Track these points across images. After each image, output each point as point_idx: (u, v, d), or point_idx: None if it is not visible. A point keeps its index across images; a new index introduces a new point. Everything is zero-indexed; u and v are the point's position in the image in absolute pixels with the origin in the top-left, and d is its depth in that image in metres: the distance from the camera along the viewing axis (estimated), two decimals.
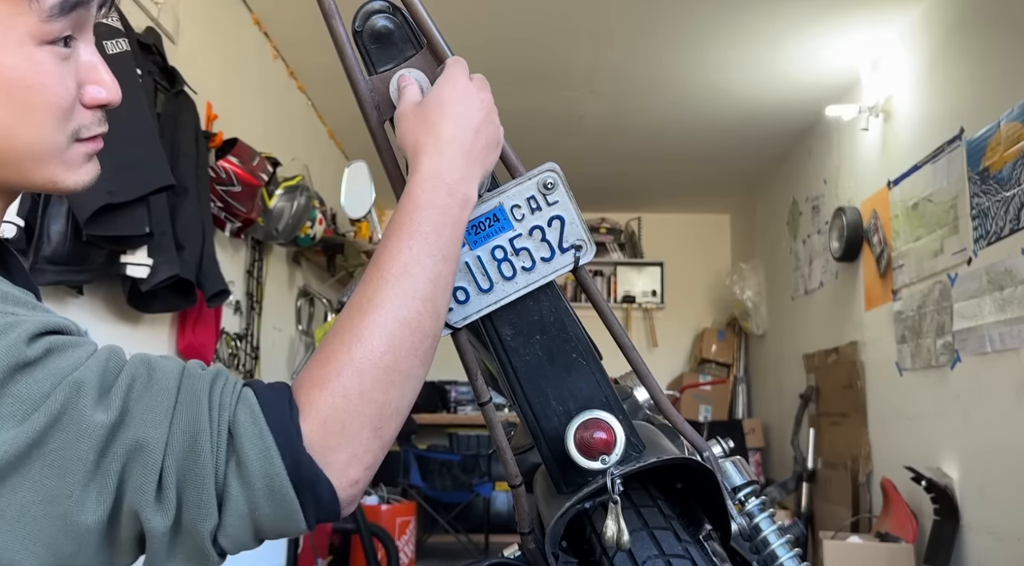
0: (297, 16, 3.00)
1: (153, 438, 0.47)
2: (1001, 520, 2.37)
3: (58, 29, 0.53)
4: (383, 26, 0.66)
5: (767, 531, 0.91)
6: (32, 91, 0.53)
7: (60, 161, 0.57)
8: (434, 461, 4.18)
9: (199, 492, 0.47)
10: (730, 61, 3.28)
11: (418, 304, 0.55)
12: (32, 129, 0.54)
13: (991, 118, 2.39)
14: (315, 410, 0.50)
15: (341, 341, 0.53)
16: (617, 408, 0.73)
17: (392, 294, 0.55)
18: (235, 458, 0.48)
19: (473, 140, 0.61)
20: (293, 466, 0.48)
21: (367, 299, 0.55)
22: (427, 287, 0.56)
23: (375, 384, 0.52)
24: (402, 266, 0.56)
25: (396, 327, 0.54)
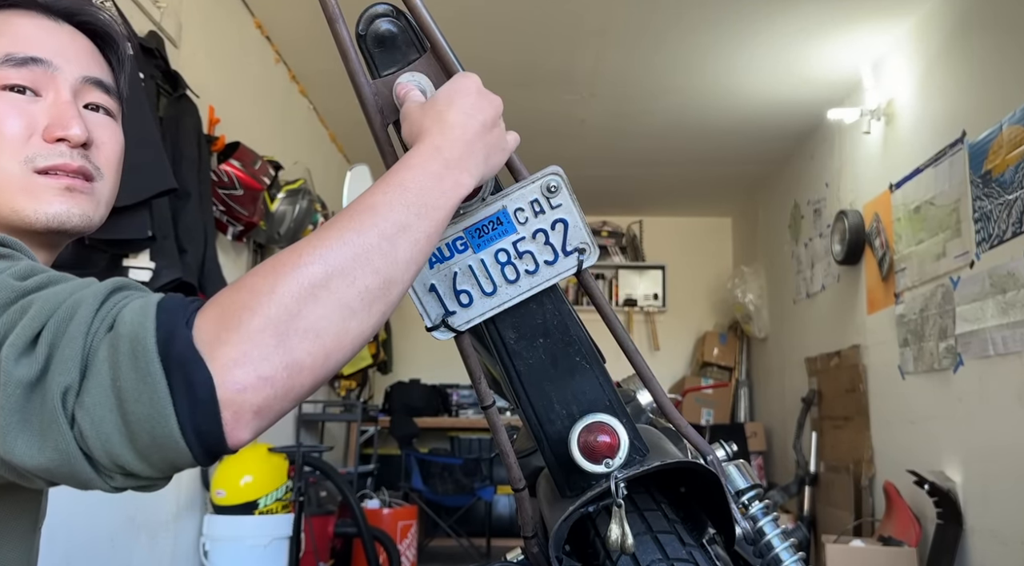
0: (299, 20, 3.00)
1: (49, 301, 0.47)
2: (1004, 524, 2.36)
3: (7, 77, 0.63)
4: (387, 30, 0.66)
5: (771, 535, 0.91)
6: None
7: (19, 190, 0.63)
8: (436, 465, 4.17)
9: (67, 348, 0.44)
10: (732, 64, 3.28)
11: (372, 238, 0.50)
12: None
13: (993, 121, 2.39)
14: (215, 303, 0.46)
15: (276, 256, 0.49)
16: (621, 412, 0.73)
17: (347, 222, 0.50)
18: (112, 328, 0.45)
19: (477, 131, 0.58)
20: (166, 337, 0.43)
21: (328, 226, 0.51)
22: (389, 228, 0.51)
23: (289, 288, 0.46)
24: (369, 204, 0.52)
25: (338, 247, 0.49)
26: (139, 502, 2.26)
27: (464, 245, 0.70)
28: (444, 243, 0.70)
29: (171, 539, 2.41)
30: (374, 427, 4.31)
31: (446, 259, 0.70)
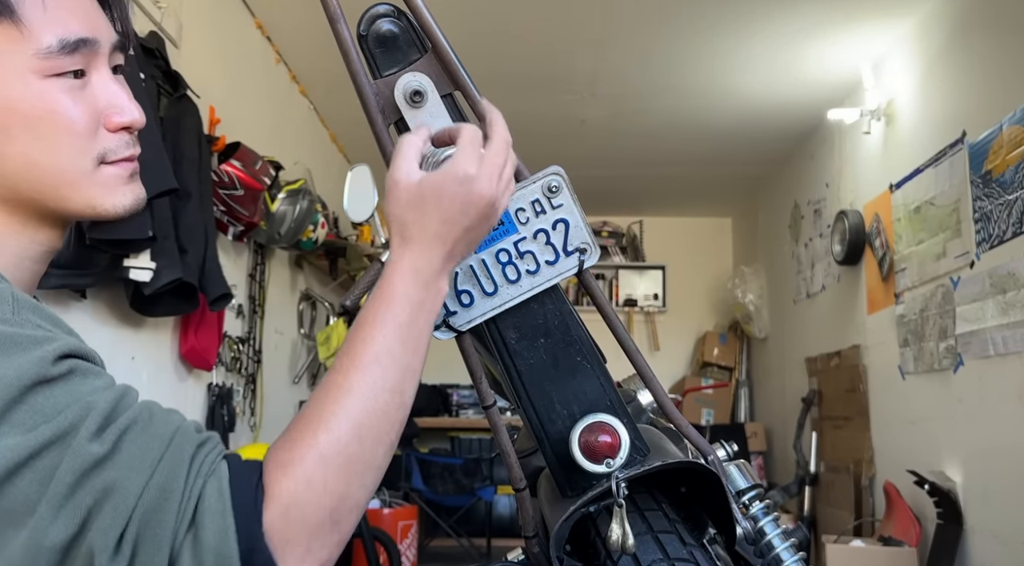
0: (299, 20, 3.00)
1: (131, 484, 0.48)
2: (1004, 524, 2.36)
3: (62, 65, 0.58)
4: (388, 30, 0.66)
5: (771, 535, 0.91)
6: (43, 121, 0.57)
7: (93, 184, 0.61)
8: (436, 465, 4.17)
9: (153, 553, 0.47)
10: (732, 64, 3.28)
11: (387, 395, 0.56)
12: (52, 155, 0.59)
13: (993, 121, 2.39)
14: (279, 496, 0.50)
15: (308, 424, 0.53)
16: (622, 412, 0.73)
17: (362, 383, 0.55)
18: (194, 530, 0.48)
19: (458, 239, 0.60)
20: (247, 553, 0.48)
21: (336, 385, 0.55)
22: (396, 378, 0.57)
23: (338, 474, 0.52)
24: (374, 355, 0.56)
25: (364, 417, 0.54)
26: None
27: None
28: None
29: None
30: None
31: None
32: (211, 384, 2.74)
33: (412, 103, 0.66)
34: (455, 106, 0.68)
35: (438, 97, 0.67)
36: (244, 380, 3.00)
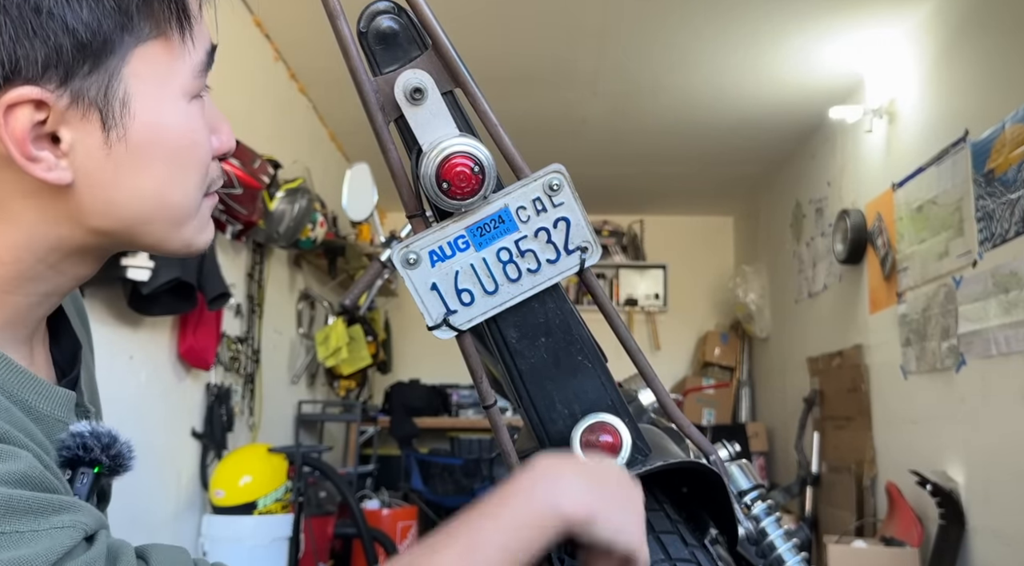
0: (298, 18, 3.00)
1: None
2: (1007, 524, 2.35)
3: (202, 84, 0.53)
4: (388, 27, 0.66)
5: (773, 535, 0.90)
6: (187, 150, 0.52)
7: (195, 220, 0.55)
8: (435, 465, 4.17)
9: None
10: (733, 63, 3.28)
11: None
12: (183, 189, 0.52)
13: (996, 120, 2.39)
14: None
15: None
16: (623, 411, 0.73)
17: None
18: None
19: (604, 507, 0.56)
20: None
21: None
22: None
23: None
24: (470, 545, 0.50)
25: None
26: (138, 502, 2.26)
27: (466, 243, 0.69)
28: (446, 242, 0.69)
29: (170, 539, 2.41)
30: (374, 427, 4.30)
31: (448, 258, 0.69)
32: (209, 384, 2.73)
33: (412, 100, 0.65)
34: (456, 104, 0.68)
35: (439, 94, 0.66)
36: (243, 380, 3.00)
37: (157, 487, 2.41)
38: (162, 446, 2.47)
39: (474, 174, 0.66)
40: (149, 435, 2.35)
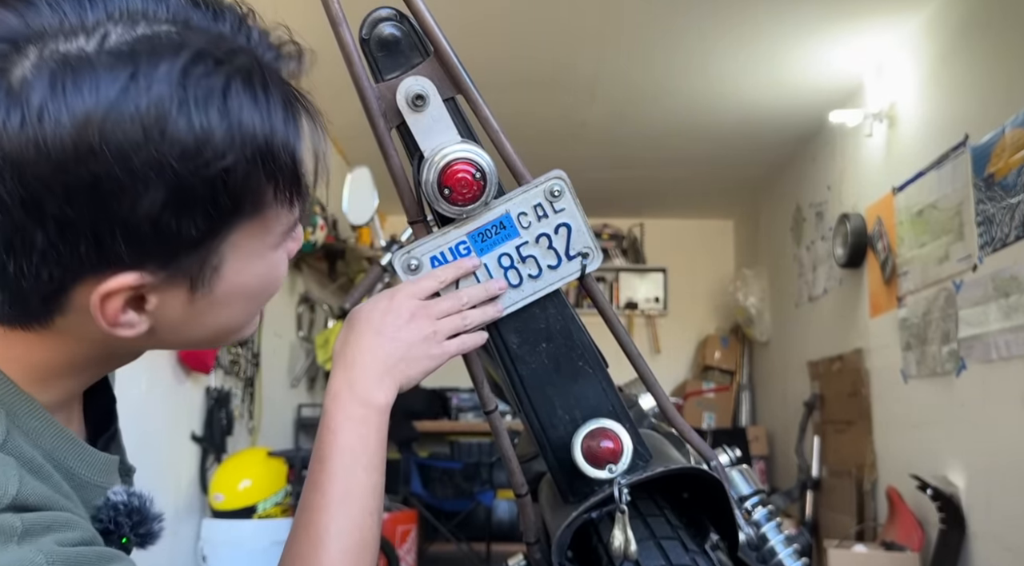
0: (298, 22, 3.00)
1: None
2: (1008, 529, 2.35)
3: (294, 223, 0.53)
4: (390, 34, 0.66)
5: (774, 541, 0.90)
6: (266, 290, 0.53)
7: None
8: (435, 469, 4.17)
9: None
10: (733, 66, 3.28)
11: (367, 519, 0.58)
12: (250, 318, 0.55)
13: (996, 124, 2.39)
14: None
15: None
16: (624, 417, 0.73)
17: (344, 519, 0.57)
18: None
19: (390, 352, 0.62)
20: None
21: (323, 527, 0.56)
22: (370, 501, 0.59)
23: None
24: (344, 489, 0.58)
25: (355, 550, 0.56)
26: None
27: (467, 249, 0.70)
28: (447, 247, 0.69)
29: (169, 543, 2.40)
30: None
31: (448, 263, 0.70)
32: (209, 387, 2.73)
33: (414, 107, 0.66)
34: (457, 110, 0.68)
35: (440, 101, 0.66)
36: (242, 383, 3.00)
37: (157, 491, 2.40)
38: (162, 449, 2.47)
39: (475, 180, 0.66)
40: (149, 438, 2.35)
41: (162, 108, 0.41)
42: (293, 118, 0.47)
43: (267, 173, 0.46)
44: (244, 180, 0.45)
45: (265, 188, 0.46)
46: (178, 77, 0.42)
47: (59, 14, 0.41)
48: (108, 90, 0.40)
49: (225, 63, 0.44)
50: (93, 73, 0.40)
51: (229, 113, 0.43)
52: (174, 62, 0.42)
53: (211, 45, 0.44)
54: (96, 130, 0.40)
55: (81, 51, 0.41)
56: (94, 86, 0.40)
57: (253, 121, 0.44)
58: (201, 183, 0.43)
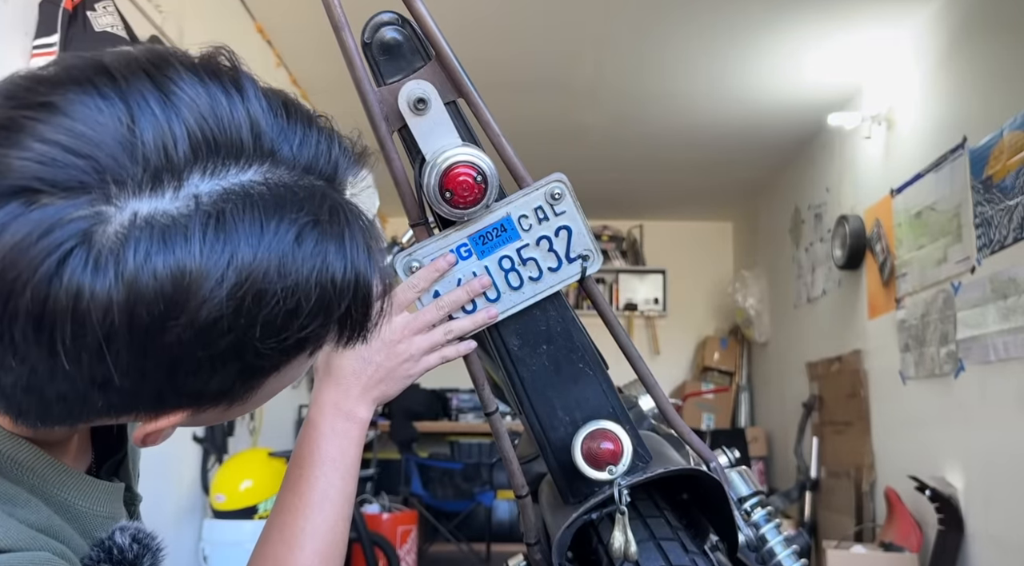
0: (300, 25, 3.01)
1: None
2: (1006, 530, 2.36)
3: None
4: (392, 38, 0.66)
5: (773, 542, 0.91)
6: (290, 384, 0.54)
7: None
8: (435, 469, 4.17)
9: None
10: (732, 69, 3.29)
11: (340, 523, 0.63)
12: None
13: (994, 127, 2.40)
14: None
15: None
16: (624, 418, 0.73)
17: (320, 522, 0.62)
18: None
19: (371, 375, 0.69)
20: None
21: (298, 529, 0.61)
22: (344, 507, 0.64)
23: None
24: (322, 493, 0.63)
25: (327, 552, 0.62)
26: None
27: (468, 252, 0.70)
28: (448, 250, 0.70)
29: (170, 544, 2.41)
30: (373, 431, 4.30)
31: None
32: None
33: (416, 110, 0.66)
34: (458, 113, 0.68)
35: (442, 105, 0.67)
36: None
37: (158, 492, 2.41)
38: (163, 451, 2.47)
39: (477, 183, 0.66)
40: None
41: (255, 278, 0.39)
42: (374, 268, 0.46)
43: (340, 324, 0.45)
44: (320, 336, 0.45)
45: (333, 334, 0.46)
46: (271, 242, 0.40)
47: (140, 163, 0.38)
48: (199, 257, 0.38)
49: (317, 225, 0.42)
50: (183, 239, 0.38)
51: (321, 280, 0.42)
52: (266, 224, 0.40)
53: (301, 198, 0.42)
54: (185, 301, 0.38)
55: (168, 213, 0.38)
56: (185, 252, 0.38)
57: (339, 282, 0.43)
58: (280, 352, 0.43)
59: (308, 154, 0.44)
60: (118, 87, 0.39)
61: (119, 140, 0.38)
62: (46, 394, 0.40)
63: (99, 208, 0.37)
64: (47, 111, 0.38)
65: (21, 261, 0.36)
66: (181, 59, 0.42)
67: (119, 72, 0.40)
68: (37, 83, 0.39)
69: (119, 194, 0.38)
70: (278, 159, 0.42)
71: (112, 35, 1.82)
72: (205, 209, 0.39)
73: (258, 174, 0.41)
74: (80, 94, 0.38)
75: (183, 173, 0.39)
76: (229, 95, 0.41)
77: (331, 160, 0.45)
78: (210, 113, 0.40)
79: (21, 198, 0.36)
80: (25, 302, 0.36)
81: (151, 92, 0.40)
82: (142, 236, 0.37)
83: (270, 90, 0.44)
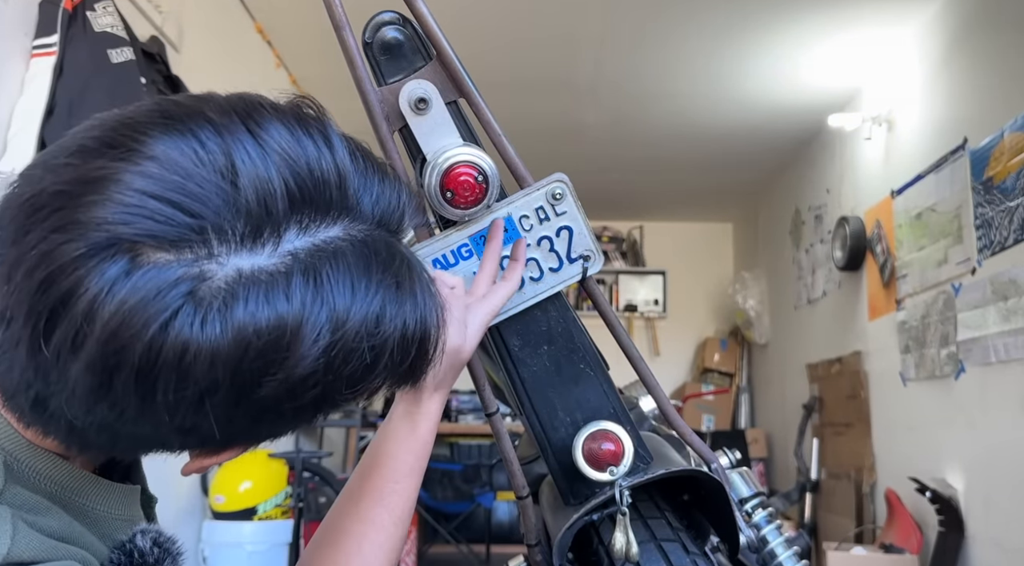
0: (300, 25, 3.01)
1: None
2: (1006, 531, 2.35)
3: None
4: (393, 38, 0.66)
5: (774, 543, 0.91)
6: None
7: None
8: (435, 471, 4.16)
9: None
10: (732, 70, 3.29)
11: (403, 530, 0.62)
12: None
13: (994, 128, 2.40)
14: None
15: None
16: (625, 419, 0.73)
17: (399, 537, 0.62)
18: None
19: (453, 378, 0.67)
20: None
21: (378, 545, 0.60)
22: (409, 508, 0.63)
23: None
24: (407, 510, 0.63)
25: (395, 558, 0.61)
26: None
27: (469, 252, 0.70)
28: (449, 250, 0.70)
29: None
30: (373, 432, 4.29)
31: (451, 266, 0.70)
32: None
33: (417, 110, 0.66)
34: (459, 113, 0.68)
35: (443, 104, 0.67)
36: None
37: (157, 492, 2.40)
38: None
39: (477, 183, 0.66)
40: None
41: (348, 337, 0.40)
42: (437, 322, 0.47)
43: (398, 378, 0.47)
44: (382, 388, 0.46)
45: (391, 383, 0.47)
46: (362, 302, 0.41)
47: (242, 216, 0.39)
48: (299, 315, 0.39)
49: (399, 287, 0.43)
50: (285, 297, 0.39)
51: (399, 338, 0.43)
52: (356, 284, 0.41)
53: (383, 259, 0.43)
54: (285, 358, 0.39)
55: (266, 270, 0.39)
56: (287, 310, 0.39)
57: (410, 339, 0.44)
58: (350, 401, 0.44)
59: (382, 206, 0.44)
60: (220, 137, 0.39)
61: (223, 196, 0.38)
62: (122, 434, 0.41)
63: (203, 266, 0.38)
64: (153, 163, 0.38)
65: (135, 323, 0.36)
66: (274, 108, 0.42)
67: (219, 121, 0.40)
68: (137, 131, 0.39)
69: (221, 249, 0.38)
70: (358, 213, 0.43)
71: (112, 35, 1.82)
72: (301, 267, 0.39)
73: (342, 230, 0.42)
74: (182, 144, 0.39)
75: (281, 227, 0.40)
76: (319, 147, 0.42)
77: (400, 211, 0.46)
78: (304, 166, 0.41)
79: (129, 253, 0.37)
80: (133, 359, 0.37)
81: (250, 143, 0.40)
82: (249, 295, 0.38)
83: (351, 140, 0.45)
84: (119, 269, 0.36)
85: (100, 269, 0.36)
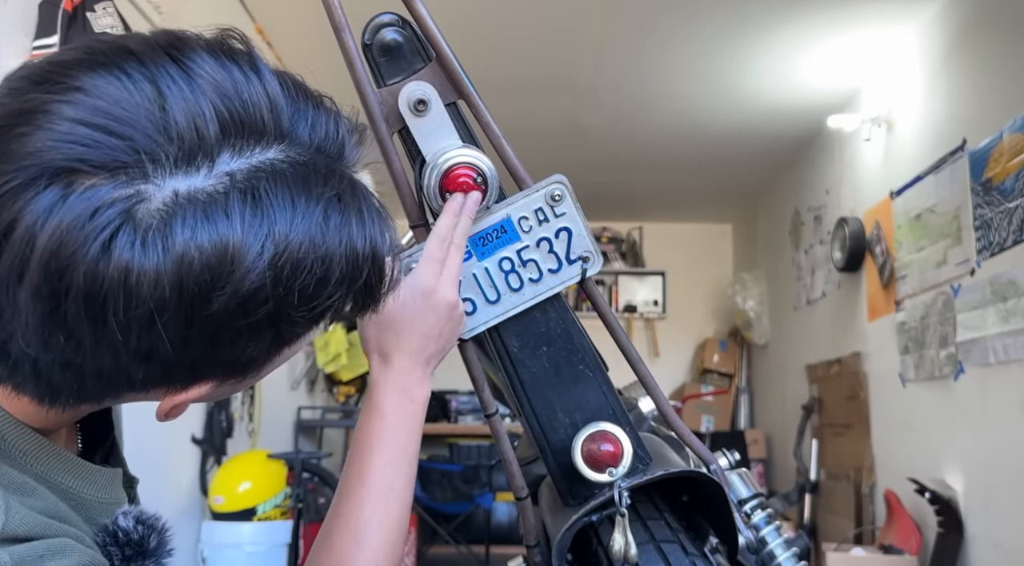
0: (300, 25, 3.01)
1: None
2: (1005, 532, 2.35)
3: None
4: (392, 39, 0.66)
5: (773, 544, 0.91)
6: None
7: None
8: (434, 471, 4.17)
9: None
10: (732, 71, 3.29)
11: (406, 512, 0.62)
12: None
13: (994, 129, 2.40)
14: None
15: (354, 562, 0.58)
16: (624, 420, 0.73)
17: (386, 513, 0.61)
18: None
19: (433, 348, 0.65)
20: None
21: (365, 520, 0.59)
22: (408, 493, 0.63)
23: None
24: (390, 483, 0.61)
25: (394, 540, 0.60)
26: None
27: (468, 253, 0.70)
28: None
29: None
30: None
31: None
32: None
33: (416, 112, 0.66)
34: (459, 115, 0.68)
35: (442, 106, 0.67)
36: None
37: (156, 493, 2.41)
38: (162, 452, 2.47)
39: (477, 185, 0.66)
40: (149, 441, 2.35)
41: (292, 249, 0.41)
42: (387, 241, 0.47)
43: (359, 293, 0.47)
44: (342, 305, 0.46)
45: (350, 303, 0.48)
46: (303, 216, 0.42)
47: (175, 141, 0.40)
48: (240, 230, 0.40)
49: (340, 201, 0.44)
50: (224, 214, 0.40)
51: (346, 251, 0.44)
52: (296, 199, 0.42)
53: (323, 175, 0.44)
54: (229, 272, 0.40)
55: (204, 190, 0.40)
56: (227, 226, 0.40)
57: (360, 253, 0.45)
58: (309, 320, 0.45)
59: (319, 134, 0.46)
60: (144, 68, 0.41)
61: (152, 120, 0.39)
62: (85, 370, 0.41)
63: (138, 187, 0.39)
64: (80, 93, 0.39)
65: (72, 242, 0.37)
66: (199, 40, 0.44)
67: (143, 53, 0.41)
68: (63, 67, 0.40)
69: (156, 172, 0.39)
70: (294, 138, 0.44)
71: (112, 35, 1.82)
72: (239, 186, 0.41)
73: (279, 153, 0.43)
74: (108, 75, 0.40)
75: (214, 151, 0.41)
76: (247, 75, 0.43)
77: (339, 139, 0.47)
78: (233, 93, 0.42)
79: (63, 179, 0.38)
80: (77, 280, 0.37)
81: (176, 72, 0.41)
82: (187, 213, 0.39)
83: (282, 71, 0.46)
84: (54, 195, 0.37)
85: (37, 198, 0.37)
